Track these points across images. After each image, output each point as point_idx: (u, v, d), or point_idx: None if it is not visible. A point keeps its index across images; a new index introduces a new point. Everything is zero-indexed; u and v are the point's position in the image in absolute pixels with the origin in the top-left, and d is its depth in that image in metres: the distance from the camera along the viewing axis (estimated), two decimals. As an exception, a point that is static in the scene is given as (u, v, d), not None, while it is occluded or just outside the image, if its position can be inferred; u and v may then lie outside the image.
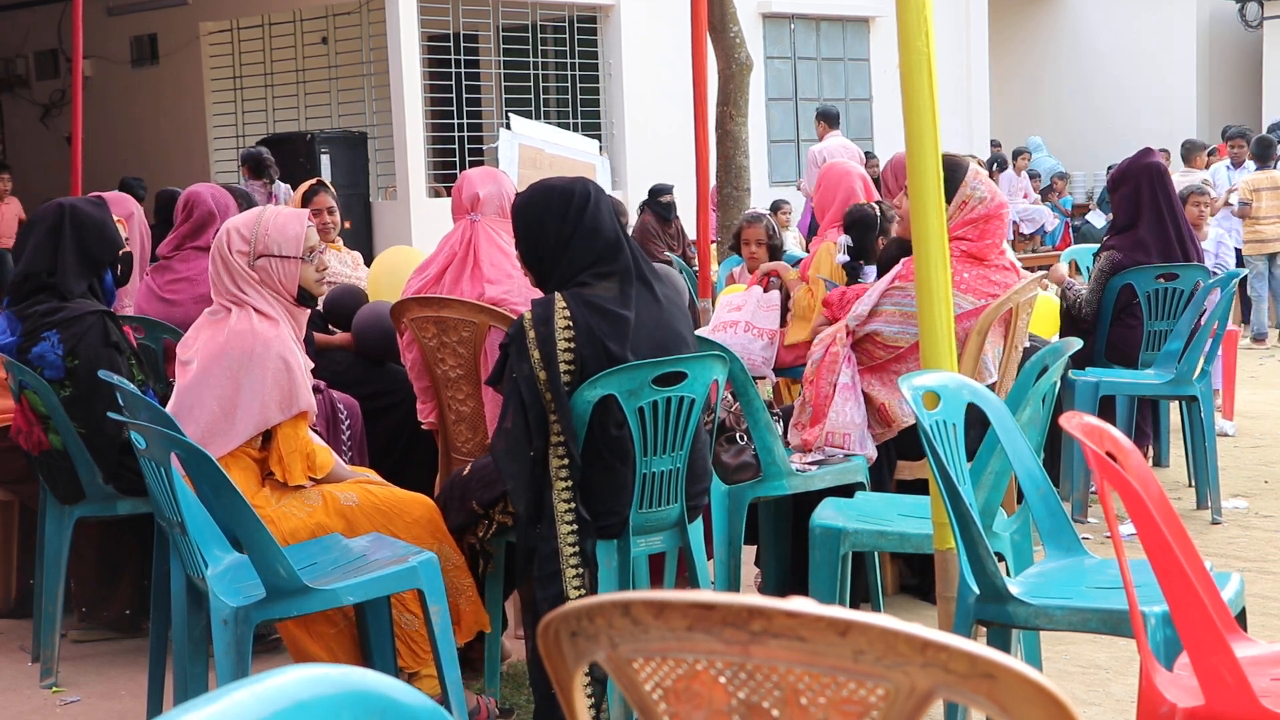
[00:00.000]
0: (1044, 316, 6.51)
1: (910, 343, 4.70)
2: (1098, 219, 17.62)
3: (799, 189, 13.08)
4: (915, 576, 5.11)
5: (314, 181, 6.46)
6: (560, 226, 3.80)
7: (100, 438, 4.44)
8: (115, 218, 4.85)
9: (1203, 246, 7.84)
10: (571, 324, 3.70)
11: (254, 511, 3.45)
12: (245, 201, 5.95)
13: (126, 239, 5.12)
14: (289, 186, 11.59)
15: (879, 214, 5.87)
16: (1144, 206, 6.50)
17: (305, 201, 6.21)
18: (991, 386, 4.66)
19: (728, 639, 1.44)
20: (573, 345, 3.69)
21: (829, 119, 13.27)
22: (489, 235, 4.57)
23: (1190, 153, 13.44)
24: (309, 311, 4.09)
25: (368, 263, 6.63)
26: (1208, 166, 13.83)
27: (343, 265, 6.19)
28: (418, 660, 3.94)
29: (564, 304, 3.72)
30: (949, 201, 4.80)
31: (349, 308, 5.57)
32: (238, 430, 3.83)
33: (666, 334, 3.82)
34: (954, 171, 4.83)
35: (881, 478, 4.82)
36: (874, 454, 4.77)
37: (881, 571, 4.73)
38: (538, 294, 4.44)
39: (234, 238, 3.94)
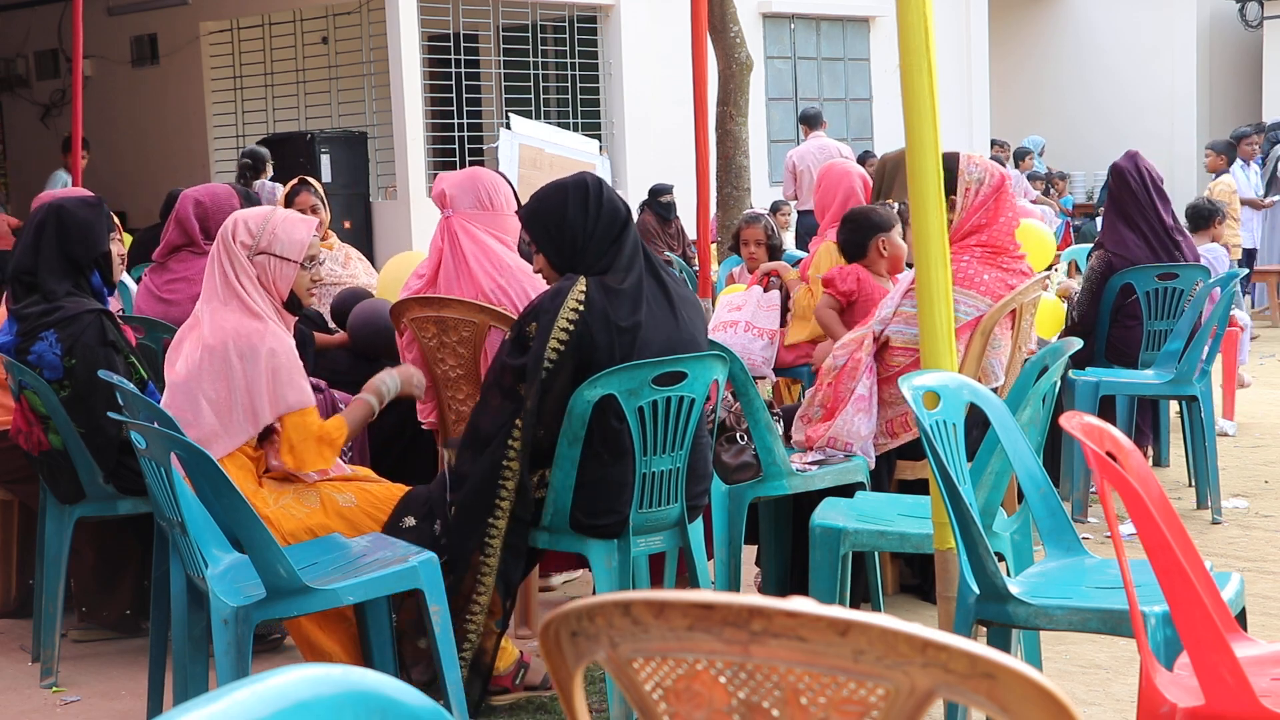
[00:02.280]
0: (1046, 318, 6.52)
1: None
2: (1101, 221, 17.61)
3: (785, 196, 13.12)
4: (916, 576, 5.11)
5: (296, 181, 6.41)
6: (584, 217, 3.92)
7: (99, 437, 4.44)
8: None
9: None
10: (583, 306, 3.76)
11: (254, 511, 3.45)
12: (249, 202, 5.94)
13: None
14: (276, 185, 11.52)
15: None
16: (1130, 205, 6.54)
17: (289, 201, 6.19)
18: (995, 390, 4.65)
19: (728, 639, 1.44)
20: (572, 327, 3.74)
21: (809, 121, 13.32)
22: (467, 230, 4.57)
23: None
24: (294, 318, 4.08)
25: (370, 262, 6.62)
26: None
27: (334, 262, 6.17)
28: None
29: (583, 287, 3.83)
30: (954, 194, 4.79)
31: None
32: (232, 433, 3.83)
33: (677, 333, 3.86)
34: (947, 164, 4.81)
35: (880, 479, 4.81)
36: (872, 462, 4.75)
37: (881, 571, 4.72)
38: (535, 286, 4.48)
39: (240, 229, 3.96)
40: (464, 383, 4.59)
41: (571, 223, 3.91)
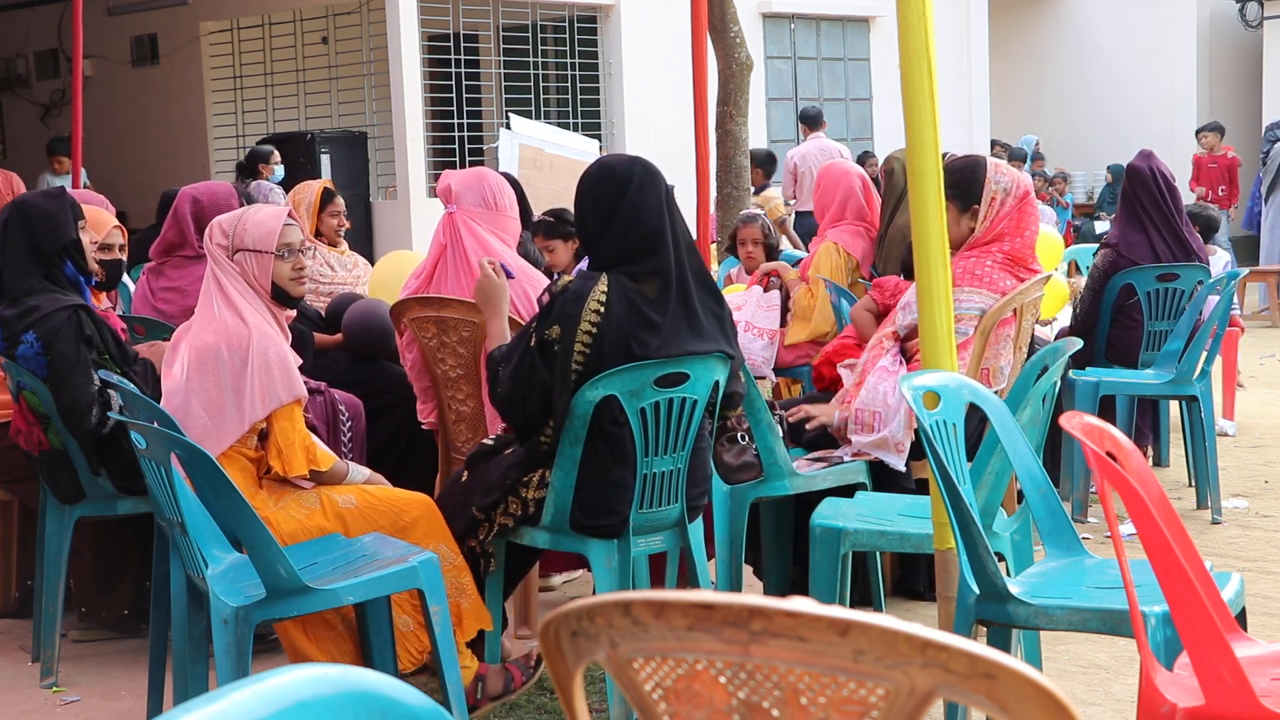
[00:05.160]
0: (1048, 298, 6.46)
1: (957, 342, 4.52)
2: (1101, 224, 17.59)
3: (784, 196, 13.10)
4: (899, 570, 5.08)
5: (326, 185, 6.47)
6: (599, 207, 3.85)
7: (74, 406, 4.38)
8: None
9: None
10: (603, 309, 3.72)
11: (254, 511, 3.45)
12: (248, 202, 5.94)
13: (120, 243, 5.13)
14: (274, 186, 11.46)
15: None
16: (1144, 205, 6.51)
17: (323, 204, 6.24)
18: (998, 391, 4.63)
19: (728, 639, 1.44)
20: (594, 331, 3.72)
21: (809, 121, 13.30)
22: (469, 227, 4.57)
23: None
24: (292, 312, 4.09)
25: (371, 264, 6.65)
26: None
27: (343, 269, 6.20)
28: (412, 661, 3.95)
29: (604, 289, 3.75)
30: (978, 204, 4.77)
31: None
32: (226, 431, 3.83)
33: (693, 345, 3.83)
34: (974, 172, 4.78)
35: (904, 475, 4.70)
36: (905, 455, 4.67)
37: (882, 571, 4.72)
38: (535, 286, 4.48)
39: (215, 232, 4.00)
40: (464, 383, 4.59)
41: (590, 208, 3.87)
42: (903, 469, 4.63)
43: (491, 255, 4.54)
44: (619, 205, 3.82)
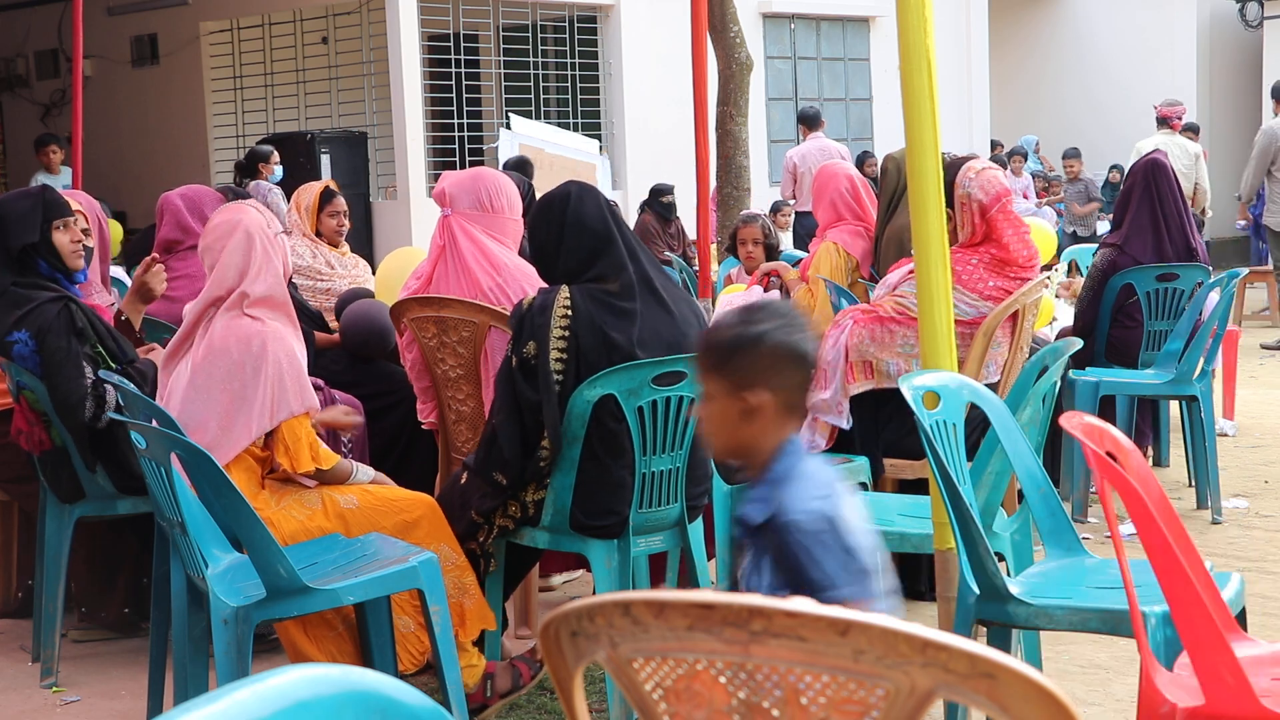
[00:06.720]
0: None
1: None
2: (1101, 224, 17.58)
3: (783, 196, 13.11)
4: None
5: (328, 185, 6.49)
6: (548, 230, 3.95)
7: (67, 398, 4.38)
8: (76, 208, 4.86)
9: None
10: (570, 312, 3.76)
11: (254, 511, 3.45)
12: (235, 198, 5.95)
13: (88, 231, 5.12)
14: (273, 187, 11.45)
15: None
16: (1135, 204, 6.52)
17: (323, 204, 6.24)
18: (992, 387, 4.65)
19: (728, 639, 1.44)
20: (566, 334, 3.74)
21: (808, 121, 13.31)
22: (465, 230, 4.57)
23: None
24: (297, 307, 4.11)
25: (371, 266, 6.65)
26: None
27: (342, 267, 6.22)
28: (413, 662, 3.95)
29: (567, 294, 3.81)
30: (951, 208, 4.79)
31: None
32: (235, 440, 3.83)
33: (672, 332, 3.85)
34: (947, 175, 4.80)
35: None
36: (845, 418, 4.77)
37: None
38: (533, 285, 4.49)
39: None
40: (464, 383, 4.59)
41: (540, 235, 3.98)
42: (845, 425, 4.79)
43: (489, 258, 4.55)
44: (565, 219, 3.92)
